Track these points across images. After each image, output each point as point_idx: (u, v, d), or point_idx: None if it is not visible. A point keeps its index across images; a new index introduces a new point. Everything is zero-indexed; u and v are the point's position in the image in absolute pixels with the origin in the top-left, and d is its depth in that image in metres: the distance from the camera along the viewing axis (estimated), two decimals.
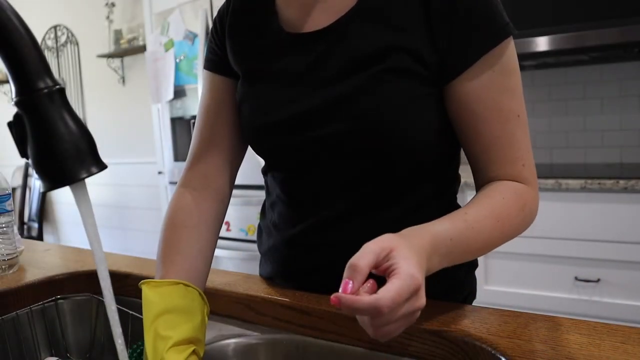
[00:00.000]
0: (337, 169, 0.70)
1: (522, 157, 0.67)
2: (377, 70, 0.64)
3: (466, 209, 0.62)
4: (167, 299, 0.63)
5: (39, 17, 4.21)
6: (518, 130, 0.66)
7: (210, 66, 0.81)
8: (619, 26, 1.76)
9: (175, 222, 0.74)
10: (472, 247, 0.61)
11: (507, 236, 0.65)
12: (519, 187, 0.66)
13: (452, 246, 0.57)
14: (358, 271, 0.47)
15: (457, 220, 0.60)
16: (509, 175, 0.67)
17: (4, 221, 0.90)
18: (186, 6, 2.59)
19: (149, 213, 3.79)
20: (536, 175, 0.69)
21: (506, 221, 0.63)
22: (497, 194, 0.65)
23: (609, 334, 0.54)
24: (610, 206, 1.71)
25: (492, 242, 0.63)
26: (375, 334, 0.49)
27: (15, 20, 0.45)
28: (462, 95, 0.65)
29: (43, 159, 0.46)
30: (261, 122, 0.73)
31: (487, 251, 0.64)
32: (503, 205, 0.64)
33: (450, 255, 0.58)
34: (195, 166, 0.79)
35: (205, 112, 0.81)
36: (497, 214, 0.63)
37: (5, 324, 0.79)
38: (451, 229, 0.58)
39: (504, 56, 0.64)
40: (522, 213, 0.65)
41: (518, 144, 0.66)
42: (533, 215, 0.68)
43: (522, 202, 0.65)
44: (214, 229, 0.77)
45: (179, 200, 0.77)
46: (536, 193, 0.68)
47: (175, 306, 0.63)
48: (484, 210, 0.63)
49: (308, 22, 0.70)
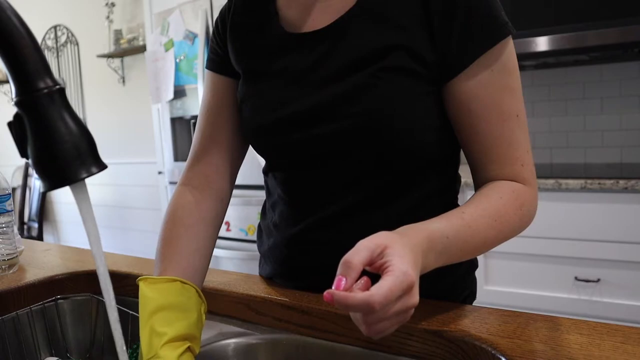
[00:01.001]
0: (337, 168, 0.70)
1: (521, 157, 0.67)
2: (377, 68, 0.65)
3: (463, 208, 0.62)
4: (164, 295, 0.64)
5: (39, 17, 4.21)
6: (517, 130, 0.66)
7: (211, 66, 0.82)
8: (619, 26, 1.76)
9: (174, 220, 0.74)
10: (469, 246, 0.61)
11: (504, 236, 0.64)
12: (517, 186, 0.66)
13: (448, 244, 0.57)
14: (352, 268, 0.47)
15: (454, 218, 0.60)
16: (508, 175, 0.67)
17: (4, 221, 0.90)
18: (186, 6, 2.59)
19: (149, 213, 3.79)
20: (535, 175, 0.69)
21: (504, 220, 0.63)
22: (495, 194, 0.65)
23: (609, 334, 0.54)
24: (610, 206, 1.71)
25: (490, 241, 0.63)
26: (368, 331, 0.49)
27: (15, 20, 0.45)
28: (461, 94, 0.65)
29: (43, 159, 0.46)
30: (262, 120, 0.73)
31: (484, 250, 0.63)
32: (501, 205, 0.64)
33: (447, 254, 0.58)
34: (195, 166, 0.80)
35: (206, 112, 0.81)
36: (495, 213, 0.63)
37: (5, 324, 0.79)
38: (448, 227, 0.58)
39: (502, 55, 0.65)
40: (519, 212, 0.65)
41: (517, 143, 0.66)
42: (531, 215, 0.68)
43: (520, 202, 0.65)
44: (214, 228, 0.77)
45: (179, 199, 0.77)
46: (535, 193, 0.68)
47: (171, 303, 0.63)
48: (481, 209, 0.63)
49: (308, 22, 0.71)
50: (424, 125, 0.67)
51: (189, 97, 2.69)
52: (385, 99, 0.65)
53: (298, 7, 0.72)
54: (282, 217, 0.79)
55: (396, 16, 0.66)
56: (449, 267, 0.79)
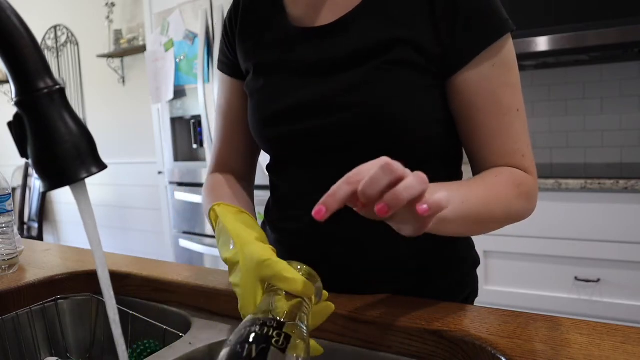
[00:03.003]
0: (341, 161, 0.70)
1: (521, 149, 0.68)
2: (382, 61, 0.66)
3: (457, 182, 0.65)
4: (240, 216, 0.67)
5: (39, 17, 4.21)
6: (517, 123, 0.67)
7: (222, 68, 0.86)
8: (619, 26, 1.76)
9: (214, 186, 0.81)
10: (468, 201, 0.59)
11: (503, 207, 0.64)
12: (515, 170, 0.67)
13: (452, 190, 0.57)
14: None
15: (448, 183, 0.62)
16: (508, 165, 0.68)
17: (4, 221, 0.90)
18: (186, 6, 2.59)
19: (149, 213, 3.79)
20: (535, 167, 0.70)
21: (499, 191, 0.63)
22: (491, 173, 0.67)
23: (609, 334, 0.54)
24: (610, 206, 1.71)
25: (490, 209, 0.62)
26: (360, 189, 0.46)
27: (15, 20, 0.45)
28: (462, 88, 0.67)
29: (43, 159, 0.46)
30: (269, 110, 0.75)
31: (486, 216, 0.62)
32: (496, 180, 0.65)
33: (451, 200, 0.54)
34: (218, 172, 0.87)
35: (221, 115, 0.87)
36: (490, 184, 0.64)
37: (5, 324, 0.79)
38: (445, 183, 0.60)
39: (503, 51, 0.67)
40: (517, 190, 0.65)
41: (517, 136, 0.67)
42: (531, 199, 0.68)
43: (517, 181, 0.66)
44: (249, 194, 0.86)
45: (213, 178, 0.85)
46: (536, 182, 0.69)
47: (246, 222, 0.65)
48: (475, 179, 0.65)
49: (315, 18, 0.73)
50: (428, 118, 0.69)
51: (189, 97, 2.69)
52: (389, 92, 0.66)
53: (305, 5, 0.74)
54: (285, 213, 0.80)
55: (401, 12, 0.67)
56: (455, 264, 0.79)
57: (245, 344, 0.43)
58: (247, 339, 0.44)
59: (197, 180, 2.75)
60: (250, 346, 0.43)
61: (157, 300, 0.81)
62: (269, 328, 0.45)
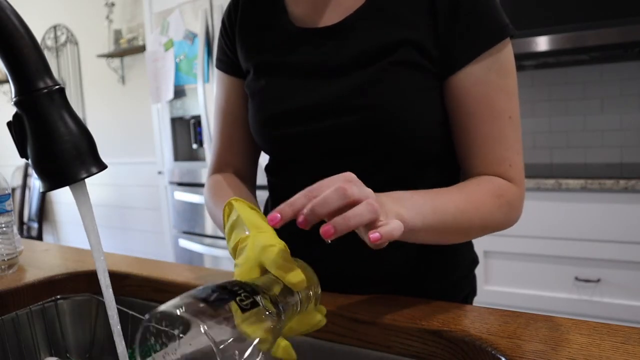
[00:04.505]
0: (341, 162, 0.70)
1: (509, 158, 0.67)
2: (386, 63, 0.66)
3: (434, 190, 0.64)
4: (257, 211, 0.66)
5: (39, 17, 4.21)
6: (507, 130, 0.66)
7: (221, 66, 0.85)
8: (619, 26, 1.76)
9: (221, 185, 0.80)
10: (440, 209, 0.59)
11: (482, 217, 0.63)
12: (499, 180, 0.66)
13: (415, 200, 0.58)
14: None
15: (422, 191, 0.61)
16: (494, 173, 0.67)
17: (4, 221, 0.90)
18: (186, 6, 2.59)
19: (149, 213, 3.79)
20: (524, 177, 0.69)
21: (478, 200, 0.63)
22: (472, 182, 0.66)
23: (609, 334, 0.54)
24: (610, 206, 1.71)
25: (466, 217, 0.62)
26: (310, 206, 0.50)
27: (15, 20, 0.45)
28: (457, 91, 0.67)
29: (43, 159, 0.46)
30: (271, 112, 0.74)
31: (462, 224, 0.62)
32: (477, 189, 0.64)
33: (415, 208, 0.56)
34: (219, 173, 0.85)
35: (221, 115, 0.85)
36: (470, 192, 0.63)
37: (5, 324, 0.79)
38: (414, 192, 0.60)
39: (501, 56, 0.66)
40: (498, 201, 0.64)
41: (507, 143, 0.67)
42: (513, 210, 0.67)
43: (499, 192, 0.65)
44: (251, 186, 0.86)
45: (216, 178, 0.83)
46: (521, 193, 0.68)
47: (263, 217, 0.65)
48: (453, 188, 0.64)
49: (318, 19, 0.72)
50: (431, 120, 0.68)
51: (188, 97, 2.69)
52: (393, 93, 0.66)
53: (307, 5, 0.73)
54: None
55: (405, 14, 0.67)
56: (453, 263, 0.79)
57: (210, 289, 0.42)
58: (215, 286, 0.43)
59: (197, 180, 2.74)
60: (213, 292, 0.41)
61: (157, 300, 0.81)
62: (241, 288, 0.44)
